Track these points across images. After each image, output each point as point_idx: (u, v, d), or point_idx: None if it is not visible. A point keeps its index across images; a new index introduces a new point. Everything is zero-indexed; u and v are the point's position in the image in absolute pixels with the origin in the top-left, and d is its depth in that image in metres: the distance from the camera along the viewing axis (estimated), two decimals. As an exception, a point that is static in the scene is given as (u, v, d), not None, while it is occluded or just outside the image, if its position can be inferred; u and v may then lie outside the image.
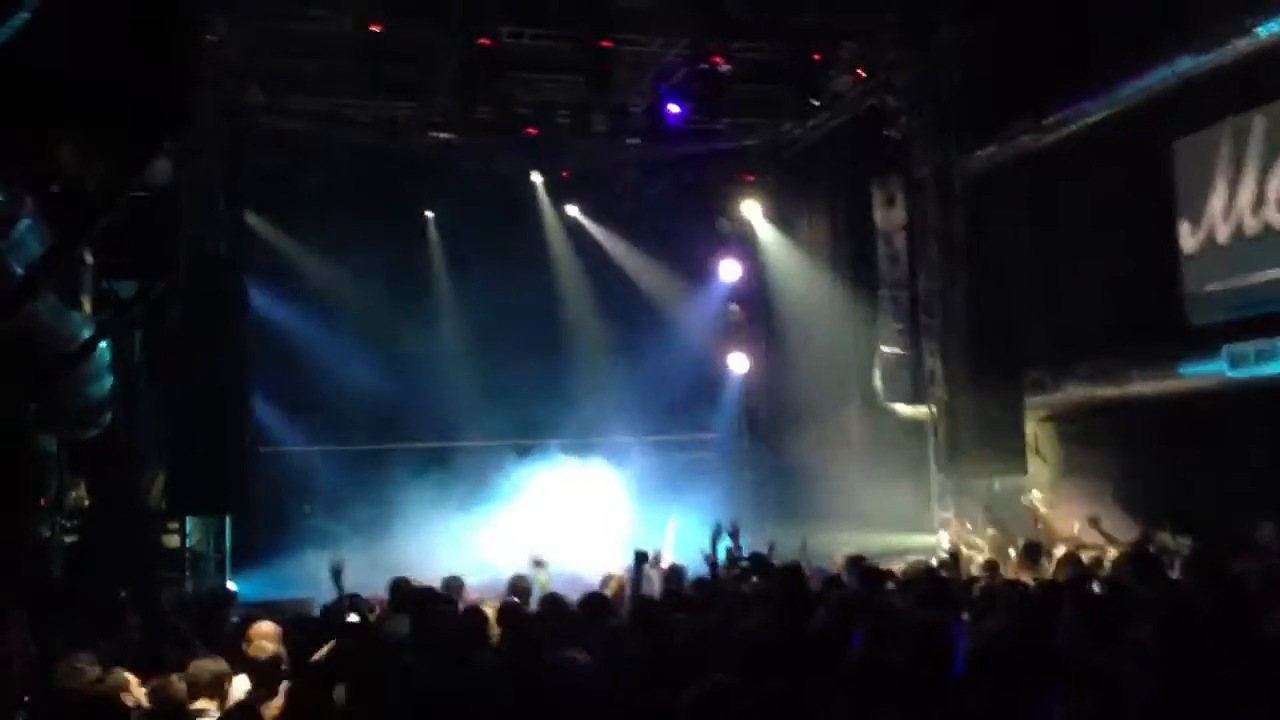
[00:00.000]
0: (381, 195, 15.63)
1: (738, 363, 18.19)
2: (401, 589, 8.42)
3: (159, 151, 6.55)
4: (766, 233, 17.79)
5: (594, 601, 7.65)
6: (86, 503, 13.04)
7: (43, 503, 11.84)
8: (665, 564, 10.13)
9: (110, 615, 8.79)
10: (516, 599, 8.28)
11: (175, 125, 5.56)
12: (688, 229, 17.75)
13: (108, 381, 10.59)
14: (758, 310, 18.24)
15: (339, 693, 5.66)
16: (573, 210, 17.16)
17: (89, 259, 8.31)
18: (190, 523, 13.04)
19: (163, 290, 9.24)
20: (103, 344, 9.42)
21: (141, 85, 5.25)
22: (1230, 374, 10.75)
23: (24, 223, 6.05)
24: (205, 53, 10.54)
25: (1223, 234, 11.41)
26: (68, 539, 12.50)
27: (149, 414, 12.05)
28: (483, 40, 12.74)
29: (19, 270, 6.45)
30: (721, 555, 9.88)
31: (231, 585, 12.58)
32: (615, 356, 16.27)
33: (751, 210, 17.82)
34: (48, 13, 4.42)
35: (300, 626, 7.50)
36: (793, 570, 8.26)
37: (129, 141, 5.21)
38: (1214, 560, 7.70)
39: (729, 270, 18.12)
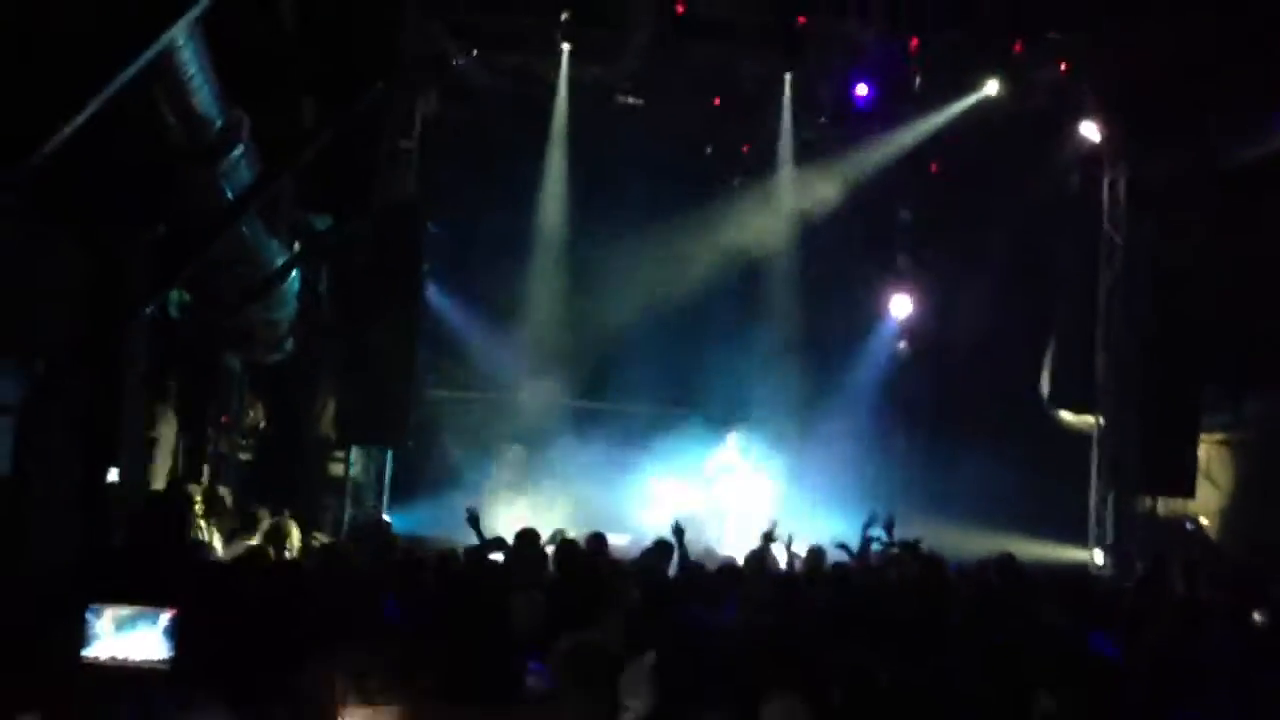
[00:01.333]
0: (567, 155, 15.81)
1: (900, 353, 17.81)
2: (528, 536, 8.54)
3: (368, 92, 6.87)
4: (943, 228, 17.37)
5: (733, 571, 7.75)
6: (263, 424, 13.82)
7: (224, 420, 12.61)
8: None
9: (275, 530, 9.31)
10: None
11: (384, 68, 5.82)
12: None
13: (293, 308, 11.18)
14: (927, 305, 17.79)
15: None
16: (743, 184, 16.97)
17: (289, 192, 8.76)
18: (354, 453, 13.59)
19: (355, 228, 9.67)
20: (294, 273, 9.92)
21: (355, 30, 5.52)
22: None
23: (238, 148, 6.42)
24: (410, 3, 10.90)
25: None
26: (242, 456, 13.27)
27: (328, 345, 12.63)
28: (678, 6, 12.80)
29: (229, 193, 6.85)
30: (874, 545, 9.79)
31: (386, 517, 13.09)
32: (787, 335, 16.13)
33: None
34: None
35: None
36: (938, 561, 8.17)
37: (340, 80, 5.49)
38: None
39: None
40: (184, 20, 5.14)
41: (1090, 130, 14.05)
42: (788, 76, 14.70)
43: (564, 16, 13.33)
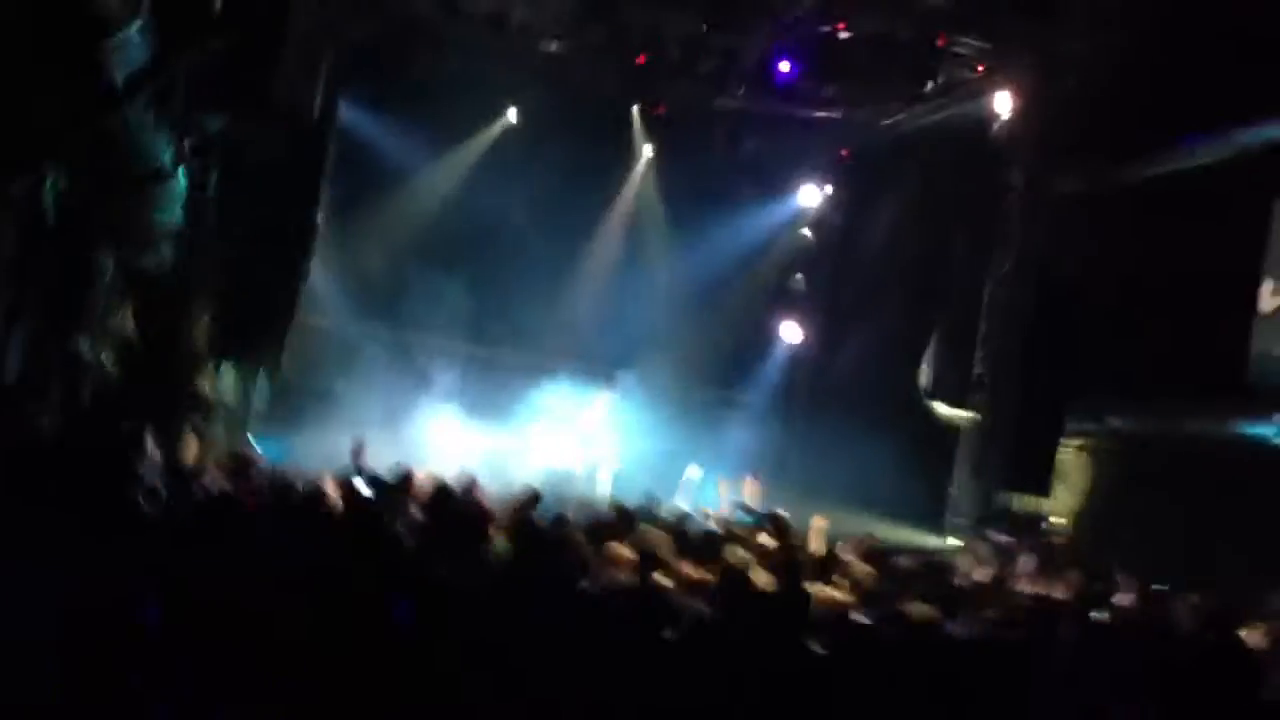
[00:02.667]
0: (479, 94, 15.57)
1: (790, 332, 18.09)
2: (406, 476, 8.46)
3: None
4: (844, 210, 17.62)
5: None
6: (130, 329, 13.27)
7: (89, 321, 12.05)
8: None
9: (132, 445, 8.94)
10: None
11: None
12: (770, 193, 17.60)
13: (176, 212, 10.73)
14: (821, 282, 18.07)
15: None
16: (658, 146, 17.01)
17: (182, 85, 8.35)
18: (226, 372, 13.20)
19: (248, 134, 9.30)
20: (180, 172, 9.52)
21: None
22: (1277, 440, 10.59)
23: (135, 25, 6.08)
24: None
25: (1305, 302, 11.18)
26: (106, 363, 12.74)
27: (209, 255, 12.17)
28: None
29: (118, 76, 6.51)
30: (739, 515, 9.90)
31: (252, 440, 12.74)
32: (671, 298, 16.20)
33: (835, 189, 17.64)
34: None
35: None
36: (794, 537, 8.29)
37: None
38: (1225, 620, 7.61)
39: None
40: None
41: (998, 135, 14.30)
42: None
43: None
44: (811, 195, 17.81)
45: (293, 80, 12.10)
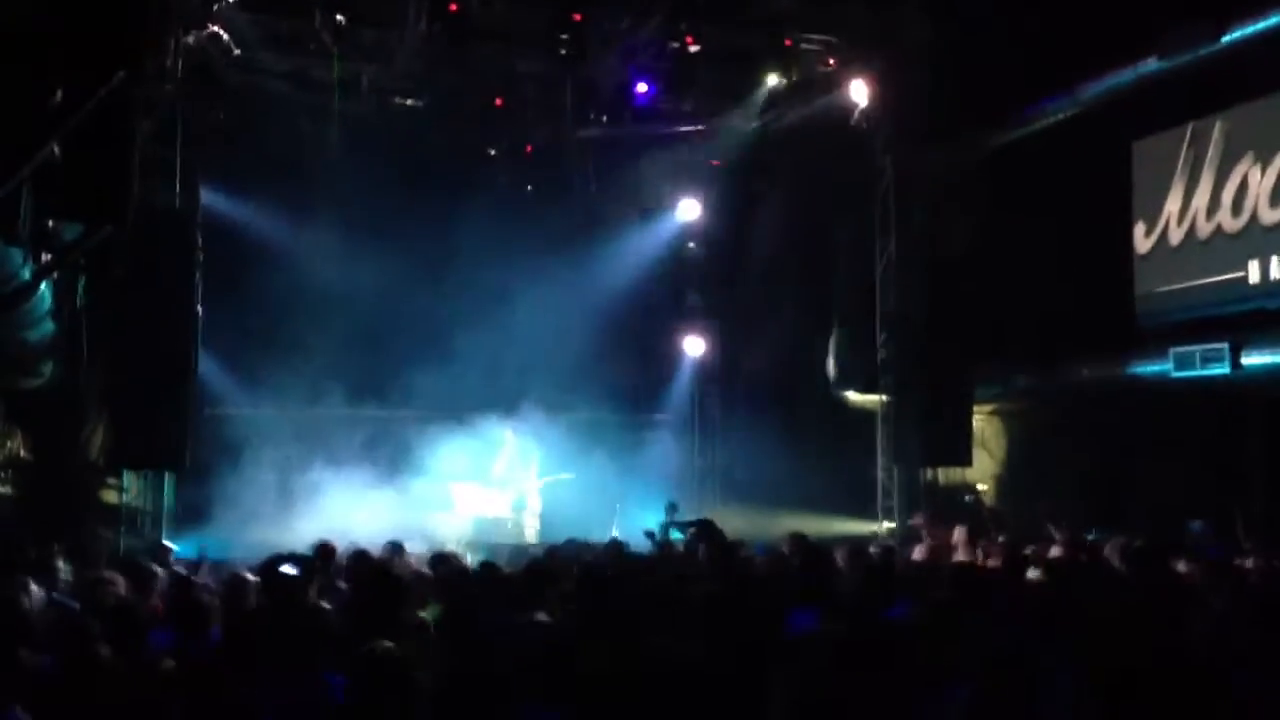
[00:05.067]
0: (341, 160, 15.38)
1: (693, 345, 18.16)
2: (326, 550, 8.27)
3: (112, 81, 6.35)
4: (725, 218, 17.77)
5: (537, 568, 7.59)
6: (23, 454, 12.80)
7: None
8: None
9: (41, 566, 8.60)
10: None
11: (132, 55, 5.39)
12: (649, 212, 17.68)
13: (49, 327, 10.36)
14: (717, 290, 18.20)
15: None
16: (530, 186, 17.00)
17: (29, 196, 8.05)
18: (129, 479, 12.81)
19: (110, 236, 8.99)
20: (44, 287, 9.20)
21: (103, 11, 5.08)
22: (1175, 375, 10.87)
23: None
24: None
25: (1176, 236, 11.54)
26: (3, 490, 12.27)
27: (92, 364, 11.80)
28: (451, 4, 12.57)
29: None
30: (673, 533, 9.87)
31: (168, 543, 12.38)
32: (567, 333, 16.11)
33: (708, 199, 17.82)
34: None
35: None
36: (734, 545, 8.26)
37: (89, 64, 5.03)
38: (1154, 557, 7.77)
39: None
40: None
41: (860, 123, 14.55)
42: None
43: (338, 18, 12.90)
44: (690, 209, 17.93)
45: (150, 174, 11.82)
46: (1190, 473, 10.84)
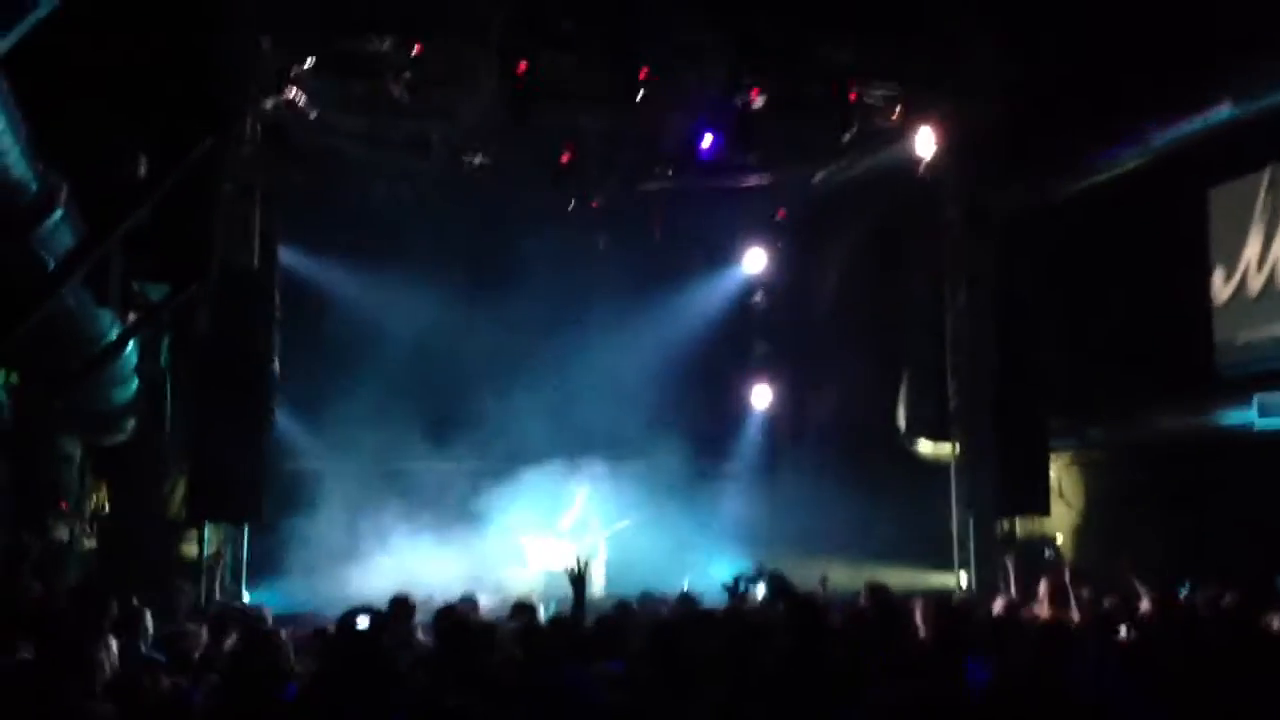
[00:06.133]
0: (413, 217, 15.68)
1: (761, 396, 18.11)
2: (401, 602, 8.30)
3: (202, 146, 6.57)
4: (791, 269, 17.80)
5: (608, 622, 7.57)
6: (108, 508, 13.11)
7: (63, 505, 11.90)
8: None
9: (127, 620, 8.76)
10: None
11: (219, 122, 5.57)
12: (716, 265, 17.80)
13: (134, 385, 10.65)
14: (784, 340, 18.19)
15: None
16: (598, 240, 17.16)
17: (119, 259, 8.34)
18: (209, 531, 13.03)
19: (193, 296, 9.26)
20: (130, 346, 9.46)
21: (192, 79, 5.26)
22: (1260, 424, 10.63)
23: (57, 213, 6.04)
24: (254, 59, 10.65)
25: (1256, 284, 11.33)
26: (88, 543, 12.55)
27: (174, 420, 12.09)
28: (520, 64, 12.80)
29: (49, 261, 6.46)
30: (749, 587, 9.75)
31: (247, 596, 12.55)
32: (635, 385, 16.17)
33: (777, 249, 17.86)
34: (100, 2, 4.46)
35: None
36: (810, 601, 8.14)
37: (175, 132, 5.21)
38: (1247, 614, 7.56)
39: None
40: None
41: (927, 173, 14.50)
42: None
43: (405, 75, 13.18)
44: (756, 260, 17.99)
45: (229, 234, 12.15)
46: (1277, 525, 10.55)
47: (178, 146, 6.09)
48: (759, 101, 13.89)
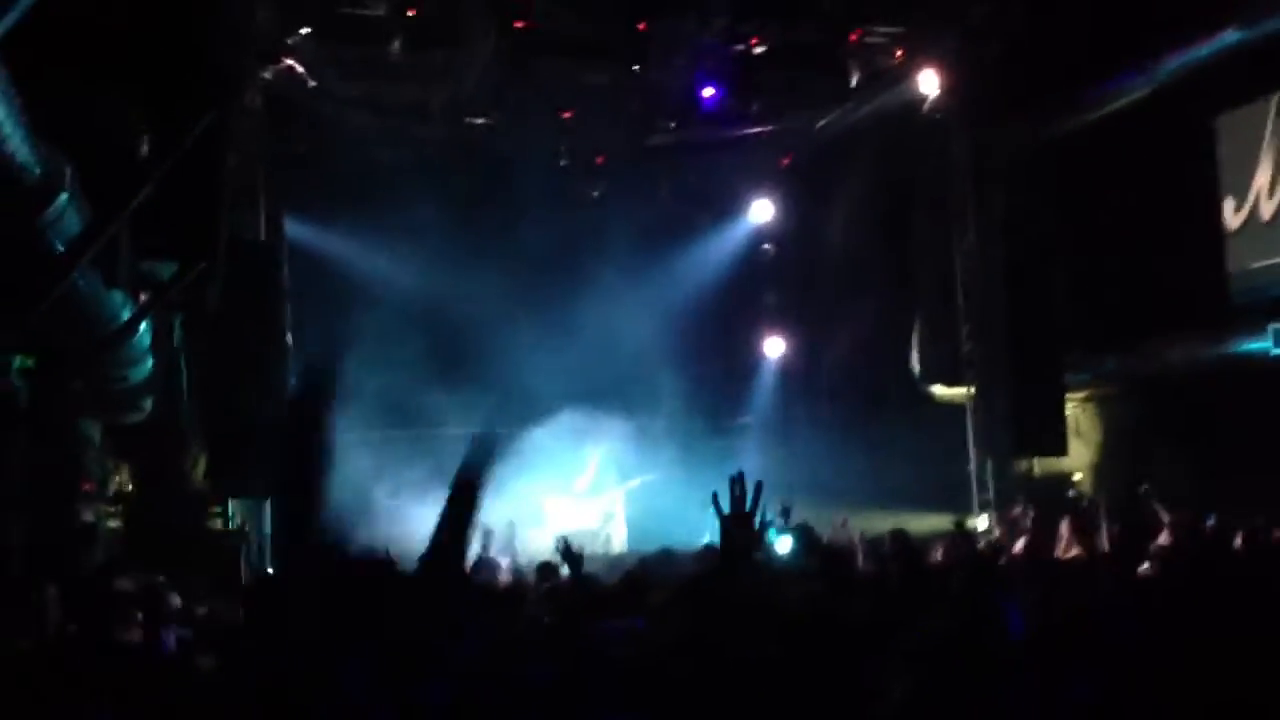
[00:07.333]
0: (416, 180, 15.60)
1: (773, 346, 18.08)
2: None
3: (205, 119, 6.52)
4: (799, 218, 17.70)
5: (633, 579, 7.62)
6: (130, 487, 13.16)
7: (88, 487, 11.95)
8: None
9: (149, 598, 8.82)
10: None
11: (225, 93, 5.52)
12: (723, 216, 17.71)
13: (149, 364, 10.65)
14: (794, 289, 18.13)
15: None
16: (603, 195, 17.07)
17: (127, 239, 8.31)
18: (233, 505, 13.07)
19: (202, 272, 9.23)
20: (143, 325, 9.45)
21: (192, 51, 5.21)
22: (1276, 351, 10.59)
23: (62, 196, 6.01)
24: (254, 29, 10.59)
25: (1267, 210, 11.23)
26: (112, 523, 12.61)
27: (191, 397, 12.11)
28: (518, 22, 12.69)
29: (58, 246, 6.45)
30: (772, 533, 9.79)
31: (270, 570, 12.63)
32: (647, 340, 16.14)
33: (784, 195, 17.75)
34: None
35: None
36: (841, 552, 8.21)
37: (177, 106, 5.17)
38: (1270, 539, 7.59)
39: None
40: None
41: (931, 112, 14.38)
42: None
43: (397, 42, 13.08)
44: (764, 210, 17.88)
45: (234, 207, 12.10)
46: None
47: (180, 121, 6.04)
48: (759, 49, 13.79)
